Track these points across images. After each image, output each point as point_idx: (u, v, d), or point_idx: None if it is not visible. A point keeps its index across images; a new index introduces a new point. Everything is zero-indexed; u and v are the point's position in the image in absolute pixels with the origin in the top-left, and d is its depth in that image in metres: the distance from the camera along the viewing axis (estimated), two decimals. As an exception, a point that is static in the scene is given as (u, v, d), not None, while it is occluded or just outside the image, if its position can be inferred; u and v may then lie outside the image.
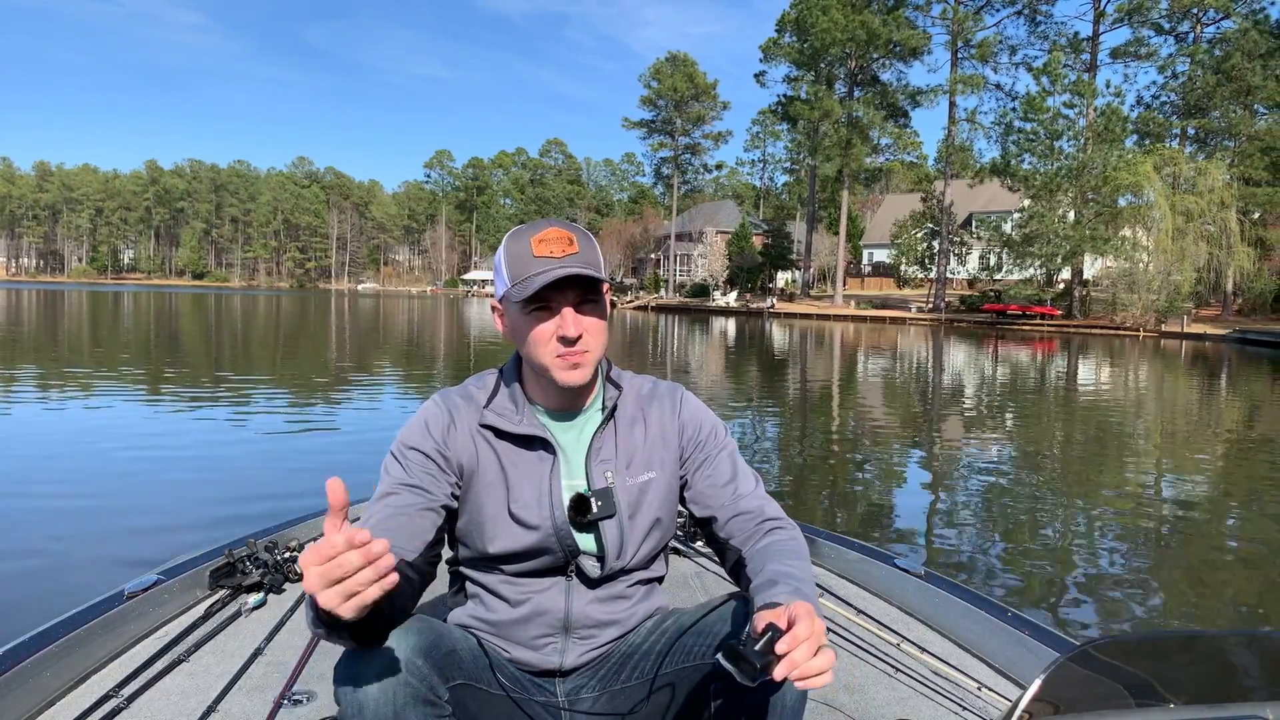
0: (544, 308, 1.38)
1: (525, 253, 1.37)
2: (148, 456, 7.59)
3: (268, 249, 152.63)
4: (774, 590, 1.20)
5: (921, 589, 2.60)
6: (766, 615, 1.10)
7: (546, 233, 1.38)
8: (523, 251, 1.38)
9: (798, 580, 1.25)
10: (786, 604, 1.11)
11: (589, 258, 1.38)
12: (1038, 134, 45.66)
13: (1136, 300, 39.56)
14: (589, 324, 1.40)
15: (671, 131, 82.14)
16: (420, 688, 1.19)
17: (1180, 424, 11.97)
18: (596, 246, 1.43)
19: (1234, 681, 1.03)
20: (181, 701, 1.97)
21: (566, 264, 1.35)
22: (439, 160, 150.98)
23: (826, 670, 1.02)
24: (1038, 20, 52.88)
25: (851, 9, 53.46)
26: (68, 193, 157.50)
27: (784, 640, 1.02)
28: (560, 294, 1.37)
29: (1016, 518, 6.29)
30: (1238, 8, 46.67)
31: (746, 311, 59.92)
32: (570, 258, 1.36)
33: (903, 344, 30.71)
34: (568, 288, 1.37)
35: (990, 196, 58.89)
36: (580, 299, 1.39)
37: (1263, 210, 44.17)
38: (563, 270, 1.34)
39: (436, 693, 1.21)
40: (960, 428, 10.80)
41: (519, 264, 1.38)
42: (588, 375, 1.41)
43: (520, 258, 1.38)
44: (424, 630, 1.26)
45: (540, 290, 1.35)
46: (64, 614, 2.11)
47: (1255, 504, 6.97)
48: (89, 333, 24.49)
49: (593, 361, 1.41)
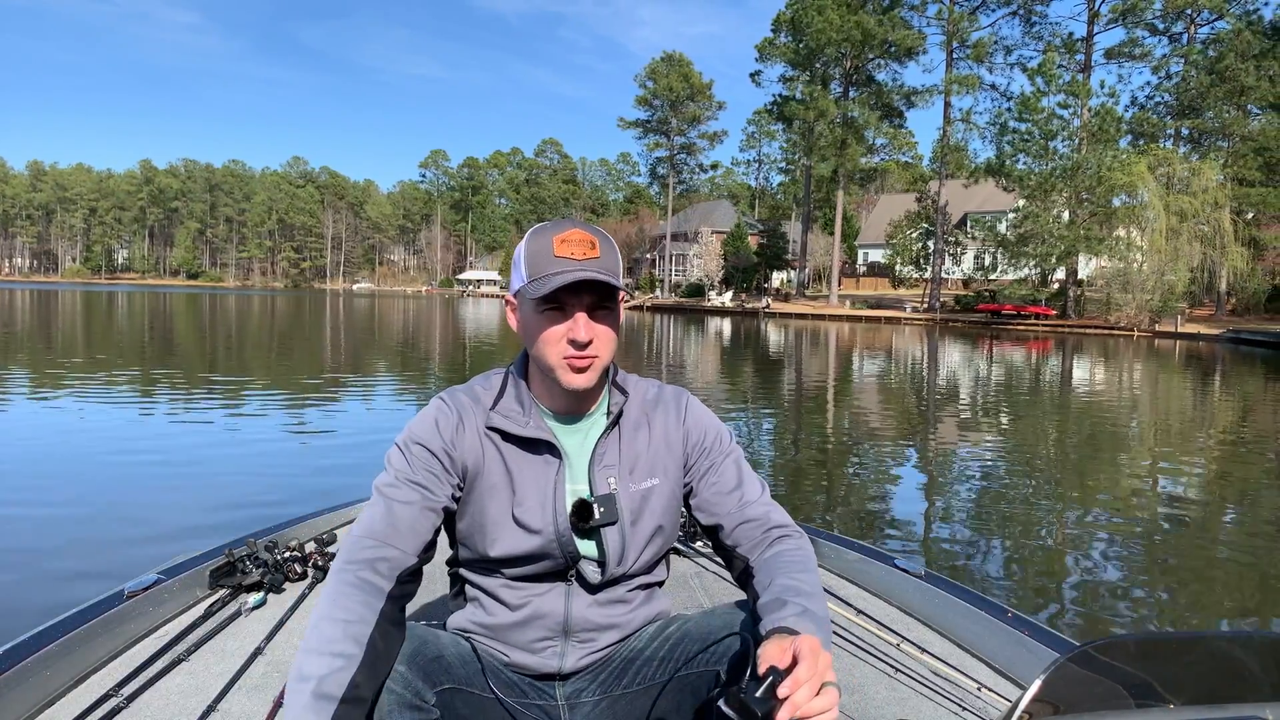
0: (558, 308, 1.37)
1: (546, 251, 1.36)
2: (146, 457, 7.58)
3: (262, 249, 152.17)
4: (782, 612, 1.19)
5: (921, 589, 2.60)
6: (770, 653, 1.09)
7: (570, 233, 1.37)
8: (543, 249, 1.37)
9: (806, 597, 1.25)
10: (792, 637, 1.10)
11: (608, 264, 1.38)
12: (1032, 134, 45.82)
13: (1131, 300, 39.66)
14: (600, 330, 1.39)
15: (667, 131, 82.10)
16: (405, 694, 1.21)
17: (1177, 424, 12.01)
18: (618, 253, 1.42)
19: (1234, 682, 1.02)
20: (181, 701, 1.97)
21: (586, 267, 1.34)
22: (434, 160, 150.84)
23: (830, 709, 1.02)
24: (1032, 21, 53.07)
25: (847, 9, 53.50)
26: (61, 192, 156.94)
27: (785, 684, 1.01)
28: (576, 297, 1.37)
29: (1015, 518, 6.30)
30: (1231, 8, 46.83)
31: (742, 311, 59.95)
32: (590, 261, 1.35)
33: (898, 344, 30.74)
34: (584, 291, 1.36)
35: (985, 196, 59.04)
36: (595, 304, 1.38)
37: (1256, 210, 44.26)
38: (581, 273, 1.33)
39: (422, 698, 1.23)
40: (958, 428, 10.82)
41: (538, 261, 1.37)
42: (593, 380, 1.40)
43: (540, 255, 1.37)
44: (409, 637, 1.27)
45: (556, 291, 1.34)
46: (64, 613, 2.11)
47: (1252, 504, 6.99)
48: (85, 333, 24.42)
49: (600, 367, 1.41)
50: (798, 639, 1.08)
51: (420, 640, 1.30)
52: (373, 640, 1.19)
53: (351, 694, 1.12)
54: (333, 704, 1.10)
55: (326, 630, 1.18)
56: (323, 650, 1.15)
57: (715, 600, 2.73)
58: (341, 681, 1.12)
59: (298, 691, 1.11)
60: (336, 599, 1.22)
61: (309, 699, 1.10)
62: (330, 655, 1.14)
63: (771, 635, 1.15)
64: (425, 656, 1.28)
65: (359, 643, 1.17)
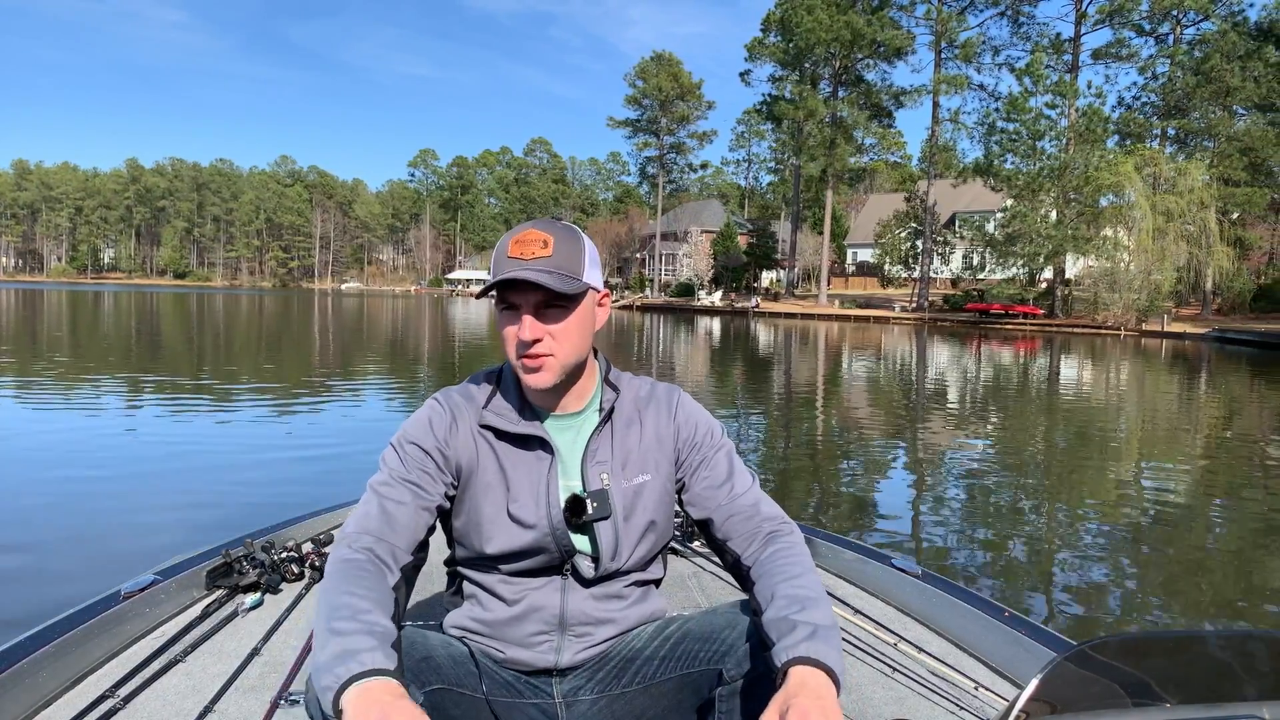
0: (510, 308, 1.39)
1: (503, 251, 1.38)
2: (143, 457, 7.55)
3: (250, 248, 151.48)
4: (793, 637, 1.17)
5: (919, 589, 2.60)
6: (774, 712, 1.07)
7: (525, 233, 1.38)
8: (501, 250, 1.39)
9: (812, 607, 1.24)
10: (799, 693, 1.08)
11: (562, 260, 1.37)
12: (1020, 134, 46.03)
13: (1118, 299, 39.89)
14: (556, 328, 1.38)
15: (656, 131, 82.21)
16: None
17: (1165, 423, 12.09)
18: (581, 247, 1.41)
19: (1231, 681, 1.03)
20: (178, 702, 1.97)
21: (529, 267, 1.35)
22: (423, 159, 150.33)
23: None
24: (1020, 21, 53.32)
25: (836, 9, 53.67)
26: (47, 191, 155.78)
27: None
28: (523, 296, 1.37)
29: (1012, 518, 6.33)
30: (1217, 9, 47.16)
31: (731, 311, 60.03)
32: (538, 260, 1.35)
33: (887, 343, 30.84)
34: (529, 290, 1.36)
35: (973, 196, 59.24)
36: (545, 302, 1.38)
37: (1241, 210, 44.62)
38: (519, 273, 1.34)
39: (410, 698, 1.22)
40: (952, 428, 10.85)
41: (497, 261, 1.40)
42: (549, 380, 1.40)
43: (499, 255, 1.39)
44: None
45: (504, 292, 1.37)
46: (60, 614, 2.10)
47: (1245, 502, 7.04)
48: (71, 333, 24.25)
49: (556, 366, 1.40)
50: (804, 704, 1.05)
51: (408, 642, 1.30)
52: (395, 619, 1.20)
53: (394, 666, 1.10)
54: (393, 661, 1.09)
55: (355, 603, 1.16)
56: (356, 617, 1.13)
57: (713, 600, 2.73)
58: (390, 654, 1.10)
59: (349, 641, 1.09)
60: (354, 579, 1.22)
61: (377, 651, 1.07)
62: (365, 624, 1.13)
63: (788, 670, 1.13)
64: (413, 657, 1.28)
65: (388, 615, 1.18)
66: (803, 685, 1.09)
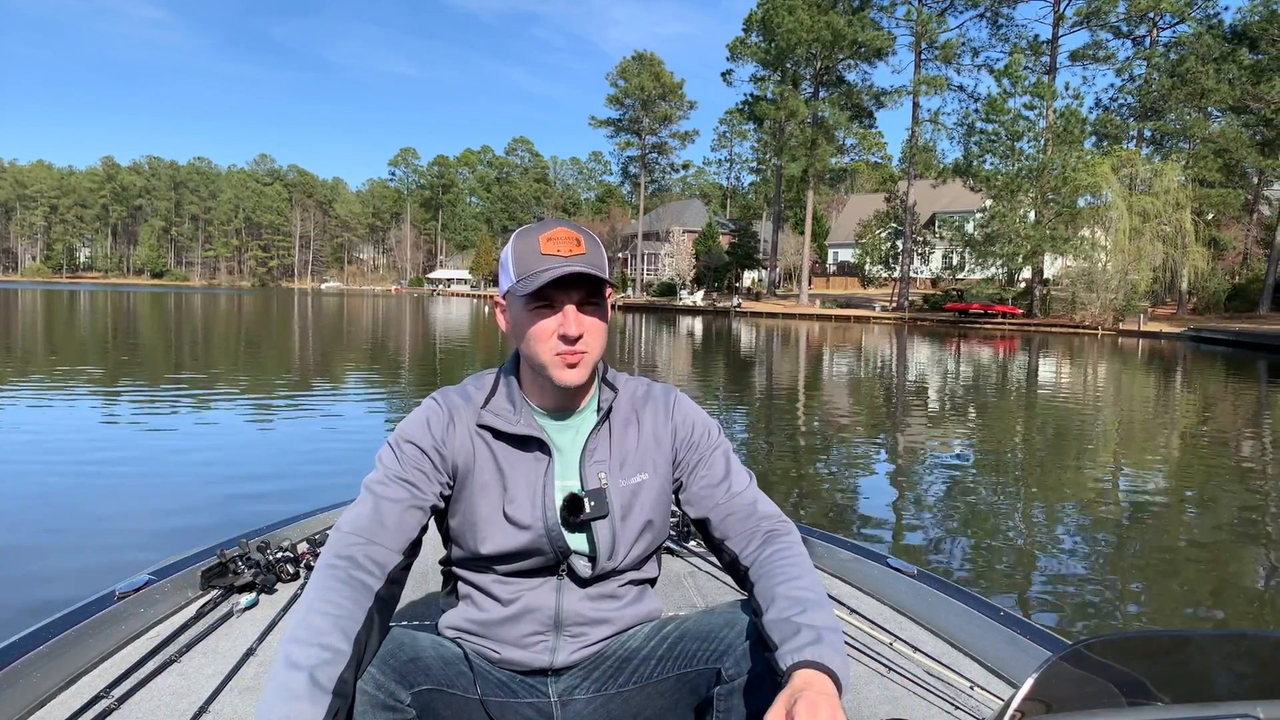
0: (547, 305, 1.39)
1: (533, 250, 1.38)
2: (139, 457, 7.50)
3: (229, 247, 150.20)
4: (796, 641, 1.18)
5: (914, 588, 2.60)
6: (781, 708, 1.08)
7: (555, 232, 1.39)
8: (530, 248, 1.39)
9: (814, 609, 1.24)
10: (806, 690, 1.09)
11: (595, 259, 1.40)
12: (999, 135, 46.37)
13: (1095, 299, 40.23)
14: (590, 324, 1.41)
15: (639, 130, 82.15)
16: (378, 694, 1.22)
17: (1143, 421, 12.21)
18: (603, 250, 1.44)
19: (1226, 680, 1.04)
20: (173, 702, 1.96)
21: (573, 263, 1.36)
22: (404, 158, 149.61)
23: None
24: (999, 23, 53.67)
25: (817, 9, 53.82)
26: (21, 189, 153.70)
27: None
28: (564, 292, 1.39)
29: (1007, 517, 6.36)
30: (1193, 12, 47.66)
31: (713, 310, 60.09)
32: (577, 258, 1.37)
33: (867, 342, 30.99)
34: (572, 286, 1.38)
35: (953, 197, 59.67)
36: (583, 299, 1.40)
37: (1216, 211, 45.17)
38: (568, 268, 1.35)
39: (396, 698, 1.24)
40: (936, 427, 10.91)
41: (525, 260, 1.39)
42: (584, 376, 1.42)
43: (527, 254, 1.39)
44: (384, 639, 1.29)
45: (544, 287, 1.36)
46: (55, 615, 2.09)
47: (1237, 500, 7.10)
48: (48, 332, 23.94)
49: (590, 363, 1.42)
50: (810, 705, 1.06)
51: (396, 642, 1.31)
52: (359, 638, 1.20)
53: (341, 689, 1.12)
54: (327, 696, 1.10)
55: (316, 622, 1.17)
56: (312, 641, 1.15)
57: (709, 600, 2.74)
58: (332, 676, 1.12)
59: (289, 680, 1.10)
60: (326, 593, 1.22)
61: (304, 687, 1.09)
62: (319, 647, 1.14)
63: (793, 673, 1.14)
64: (400, 658, 1.28)
65: (348, 639, 1.18)
66: (808, 685, 1.11)
